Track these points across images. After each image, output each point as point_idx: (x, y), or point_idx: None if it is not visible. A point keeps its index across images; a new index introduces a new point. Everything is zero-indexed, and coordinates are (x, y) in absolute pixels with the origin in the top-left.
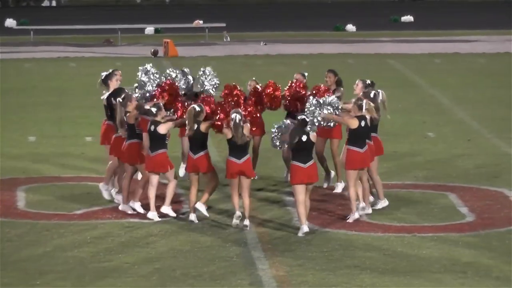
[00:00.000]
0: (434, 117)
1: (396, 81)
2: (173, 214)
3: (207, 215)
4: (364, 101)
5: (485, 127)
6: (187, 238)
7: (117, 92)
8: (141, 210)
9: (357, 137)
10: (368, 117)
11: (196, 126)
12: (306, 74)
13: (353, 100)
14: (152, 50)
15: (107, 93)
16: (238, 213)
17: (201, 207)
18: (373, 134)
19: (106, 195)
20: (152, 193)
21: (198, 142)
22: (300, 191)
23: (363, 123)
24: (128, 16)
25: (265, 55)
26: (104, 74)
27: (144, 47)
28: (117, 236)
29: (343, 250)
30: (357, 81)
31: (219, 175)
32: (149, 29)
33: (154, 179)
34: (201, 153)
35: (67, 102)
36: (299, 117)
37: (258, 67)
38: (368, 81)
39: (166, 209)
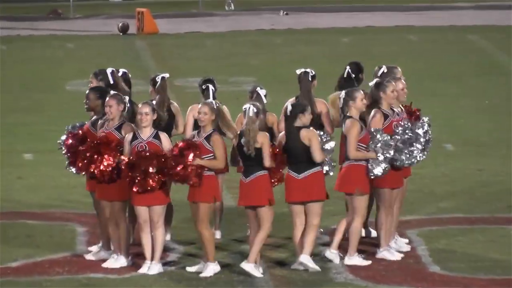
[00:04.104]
0: None
1: (480, 66)
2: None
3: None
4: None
5: None
6: None
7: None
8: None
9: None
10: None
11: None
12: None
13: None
14: (120, 25)
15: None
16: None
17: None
18: None
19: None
20: (147, 238)
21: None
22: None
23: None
24: None
25: (286, 30)
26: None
27: (108, 20)
28: None
29: None
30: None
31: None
32: None
33: (144, 214)
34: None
35: None
36: None
37: (275, 48)
38: (384, 68)
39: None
